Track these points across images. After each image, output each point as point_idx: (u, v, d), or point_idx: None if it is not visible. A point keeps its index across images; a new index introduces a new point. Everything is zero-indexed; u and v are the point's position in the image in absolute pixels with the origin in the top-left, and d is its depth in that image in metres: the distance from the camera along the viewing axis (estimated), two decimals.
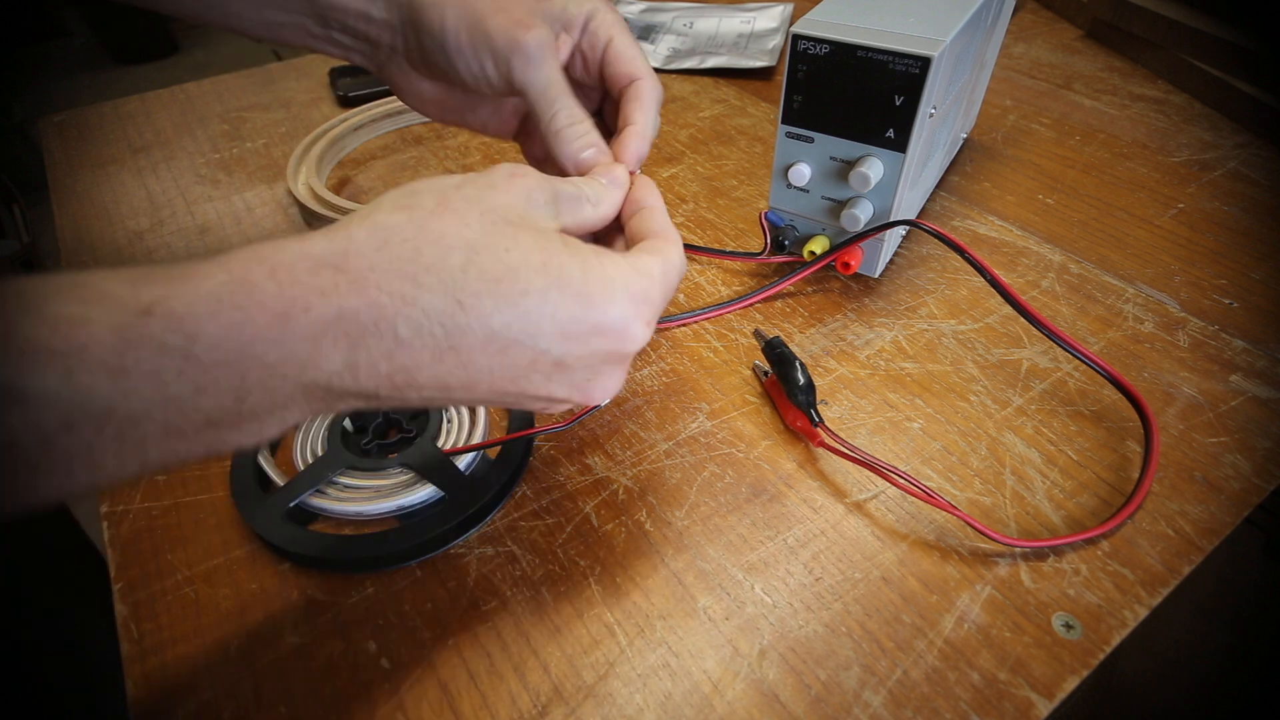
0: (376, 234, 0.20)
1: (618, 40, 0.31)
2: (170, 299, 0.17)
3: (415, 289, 0.19)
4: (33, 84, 2.48)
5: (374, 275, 0.19)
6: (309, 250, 0.19)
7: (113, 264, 0.46)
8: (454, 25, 0.29)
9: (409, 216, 0.20)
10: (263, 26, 0.32)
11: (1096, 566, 0.29)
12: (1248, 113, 0.56)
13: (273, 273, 0.18)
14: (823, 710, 0.25)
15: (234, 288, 0.18)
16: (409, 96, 0.34)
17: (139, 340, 0.17)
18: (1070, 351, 0.33)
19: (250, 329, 0.18)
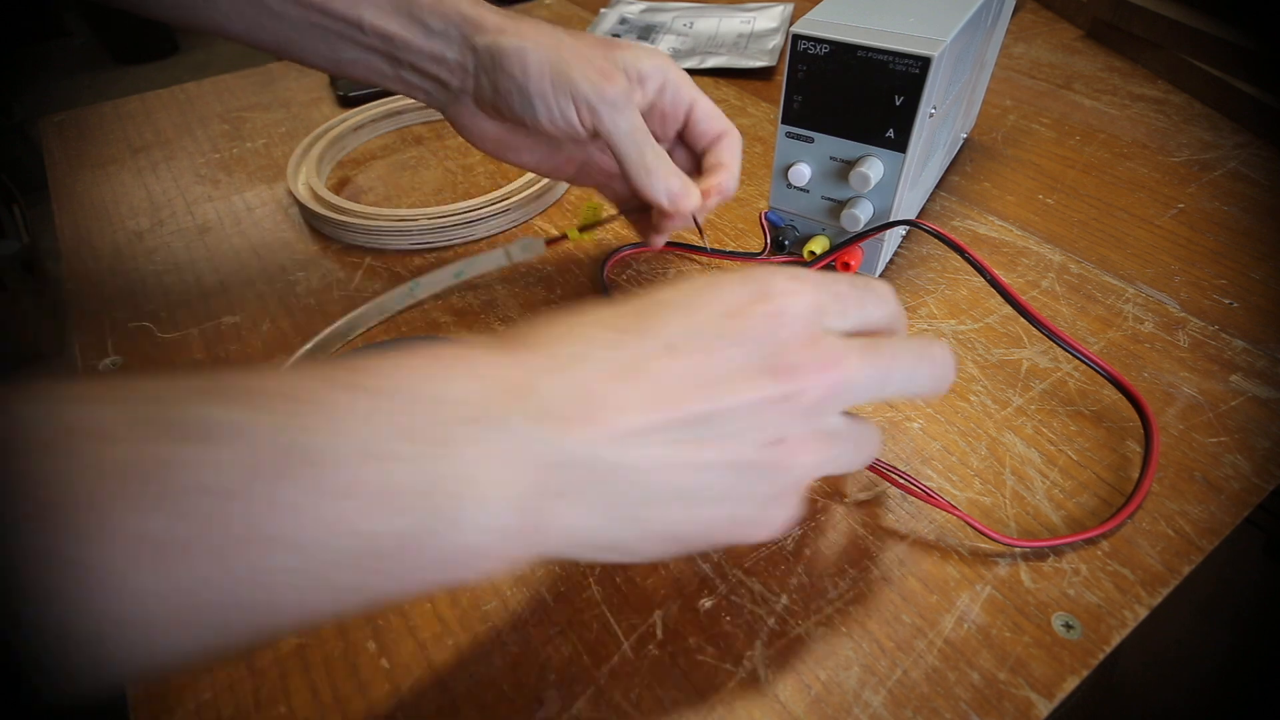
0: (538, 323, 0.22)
1: (701, 102, 0.35)
2: (368, 360, 0.19)
3: (575, 332, 0.21)
4: (33, 84, 2.48)
5: (536, 336, 0.21)
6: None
7: (111, 264, 0.46)
8: (536, 72, 0.31)
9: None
10: (331, 62, 0.33)
11: (1096, 566, 0.29)
12: (1248, 113, 0.56)
13: (444, 346, 0.20)
14: (822, 710, 0.25)
15: (420, 350, 0.20)
16: (469, 133, 0.35)
17: (338, 382, 0.18)
18: (1071, 352, 0.33)
19: (431, 369, 0.19)
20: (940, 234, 0.35)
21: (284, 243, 0.48)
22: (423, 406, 0.18)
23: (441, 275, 0.43)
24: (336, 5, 0.32)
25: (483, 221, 0.47)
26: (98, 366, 0.39)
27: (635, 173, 0.32)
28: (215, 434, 0.16)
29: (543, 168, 0.37)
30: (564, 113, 0.31)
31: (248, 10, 0.32)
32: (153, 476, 0.15)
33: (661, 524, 0.21)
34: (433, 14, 0.32)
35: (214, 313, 0.43)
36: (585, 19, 0.79)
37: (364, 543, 0.17)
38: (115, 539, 0.14)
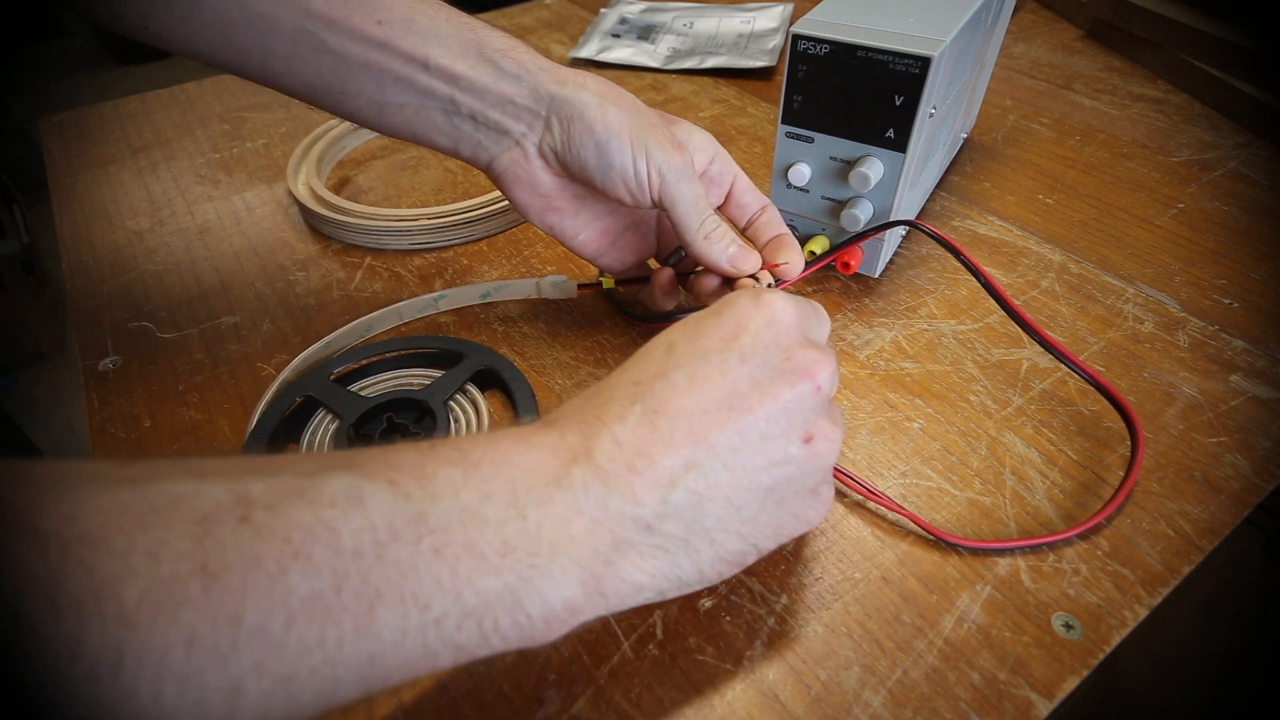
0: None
1: (742, 177, 0.37)
2: (445, 440, 0.21)
3: (600, 401, 0.23)
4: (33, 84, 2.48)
5: (568, 413, 0.23)
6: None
7: (111, 264, 0.46)
8: (618, 130, 0.32)
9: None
10: (375, 107, 0.33)
11: (1096, 566, 0.29)
12: (1248, 113, 0.56)
13: (510, 428, 0.22)
14: (822, 710, 0.25)
15: (483, 433, 0.22)
16: (519, 185, 0.35)
17: (432, 456, 0.20)
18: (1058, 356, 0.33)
19: (503, 443, 0.21)
20: (936, 234, 0.35)
21: (284, 243, 0.48)
22: (505, 475, 0.20)
23: (468, 292, 0.42)
24: (403, 44, 0.31)
25: (482, 221, 0.47)
26: (98, 367, 0.39)
27: (694, 239, 0.33)
28: (351, 501, 0.18)
29: (580, 236, 0.37)
30: (638, 173, 0.32)
31: (303, 51, 0.31)
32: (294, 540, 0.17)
33: (729, 546, 0.22)
34: (505, 57, 0.32)
35: (214, 313, 0.43)
36: (585, 19, 0.79)
37: (457, 601, 0.18)
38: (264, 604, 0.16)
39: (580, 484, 0.20)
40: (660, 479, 0.21)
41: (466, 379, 0.36)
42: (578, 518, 0.20)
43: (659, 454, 0.21)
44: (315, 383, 0.35)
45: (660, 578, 0.22)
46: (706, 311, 0.25)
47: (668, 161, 0.32)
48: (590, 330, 0.41)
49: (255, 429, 0.34)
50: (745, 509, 0.22)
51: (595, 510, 0.20)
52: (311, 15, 0.30)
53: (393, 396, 0.35)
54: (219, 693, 0.15)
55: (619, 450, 0.21)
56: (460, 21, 0.32)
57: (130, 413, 0.37)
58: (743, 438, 0.22)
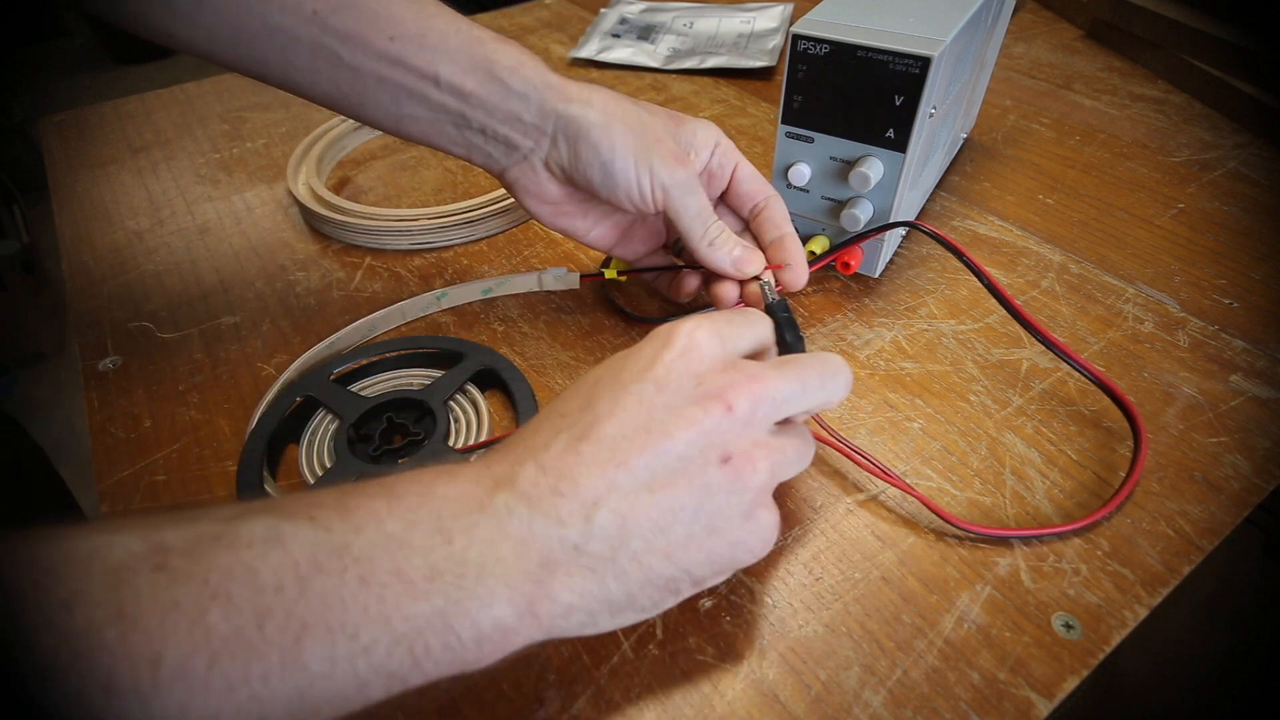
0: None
1: (743, 165, 0.37)
2: (374, 480, 0.22)
3: (528, 433, 0.24)
4: (33, 84, 2.47)
5: (498, 451, 0.24)
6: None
7: (111, 264, 0.46)
8: (623, 150, 0.32)
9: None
10: (392, 118, 0.34)
11: (1096, 566, 0.29)
12: (1248, 113, 0.56)
13: (439, 465, 0.23)
14: (822, 710, 0.25)
15: (417, 470, 0.22)
16: (527, 195, 0.36)
17: (355, 492, 0.21)
18: (1061, 356, 0.33)
19: (427, 476, 0.22)
20: (939, 236, 0.35)
21: (284, 243, 0.48)
22: (428, 505, 0.20)
23: (470, 289, 0.42)
24: (414, 60, 0.32)
25: (483, 221, 0.47)
26: (97, 367, 0.39)
27: (699, 246, 0.34)
28: (270, 541, 0.18)
29: (590, 235, 0.38)
30: (641, 190, 0.33)
31: (321, 65, 0.32)
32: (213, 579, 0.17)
33: (656, 569, 0.22)
34: (514, 75, 0.32)
35: (214, 313, 0.43)
36: (585, 19, 0.79)
37: (385, 628, 0.18)
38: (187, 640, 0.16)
39: (505, 508, 0.21)
40: (584, 499, 0.21)
41: (466, 379, 0.36)
42: (504, 540, 0.20)
43: (581, 476, 0.22)
44: (315, 383, 0.35)
45: (590, 598, 0.21)
46: (632, 348, 0.25)
47: (671, 177, 0.33)
48: (590, 331, 0.41)
49: (255, 428, 0.34)
50: (670, 531, 0.22)
51: (521, 532, 0.21)
52: (328, 31, 0.31)
53: (393, 397, 0.35)
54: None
55: (543, 475, 0.22)
56: (470, 36, 0.33)
57: (130, 413, 0.37)
58: (660, 460, 0.22)
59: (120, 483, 0.33)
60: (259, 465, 0.32)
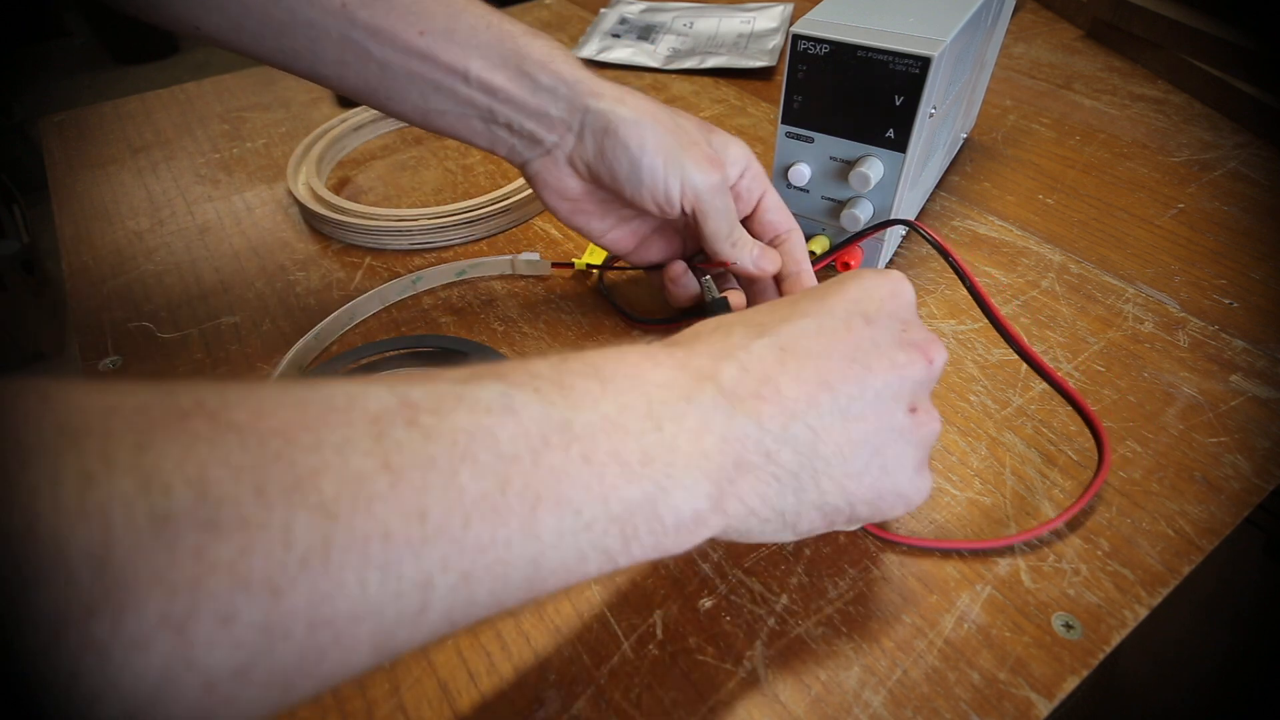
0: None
1: (770, 193, 0.37)
2: (575, 354, 0.21)
3: (721, 331, 0.24)
4: (33, 84, 2.47)
5: (687, 338, 0.24)
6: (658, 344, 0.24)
7: (111, 264, 0.46)
8: (654, 149, 0.32)
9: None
10: (419, 111, 0.34)
11: (1096, 566, 0.29)
12: (1248, 113, 0.56)
13: (632, 346, 0.23)
14: (822, 710, 0.25)
15: (614, 348, 0.22)
16: (548, 190, 0.36)
17: (566, 369, 0.20)
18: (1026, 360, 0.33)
19: (632, 358, 0.21)
20: (931, 236, 0.35)
21: (284, 243, 0.48)
22: (639, 390, 0.21)
23: (444, 271, 0.43)
24: (444, 55, 0.32)
25: (483, 221, 0.47)
26: (98, 366, 0.39)
27: (723, 245, 0.35)
28: (504, 407, 0.18)
29: (606, 237, 0.38)
30: (668, 190, 0.33)
31: (349, 58, 0.32)
32: (462, 442, 0.17)
33: (827, 491, 0.23)
34: (543, 70, 0.33)
35: (214, 313, 0.43)
36: (585, 19, 0.79)
37: (604, 508, 0.19)
38: (447, 500, 0.16)
39: (710, 401, 0.21)
40: (784, 408, 0.22)
41: None
42: (707, 434, 0.21)
43: (785, 385, 0.22)
44: None
45: (767, 506, 0.22)
46: (831, 282, 0.25)
47: (705, 180, 0.33)
48: (591, 331, 0.41)
49: None
50: (853, 460, 0.23)
51: (723, 428, 0.21)
52: (356, 25, 0.31)
53: None
54: (414, 584, 0.16)
55: (746, 376, 0.22)
56: (501, 30, 0.33)
57: None
58: (861, 391, 0.23)
59: None
60: None
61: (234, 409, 0.15)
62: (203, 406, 0.15)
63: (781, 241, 0.37)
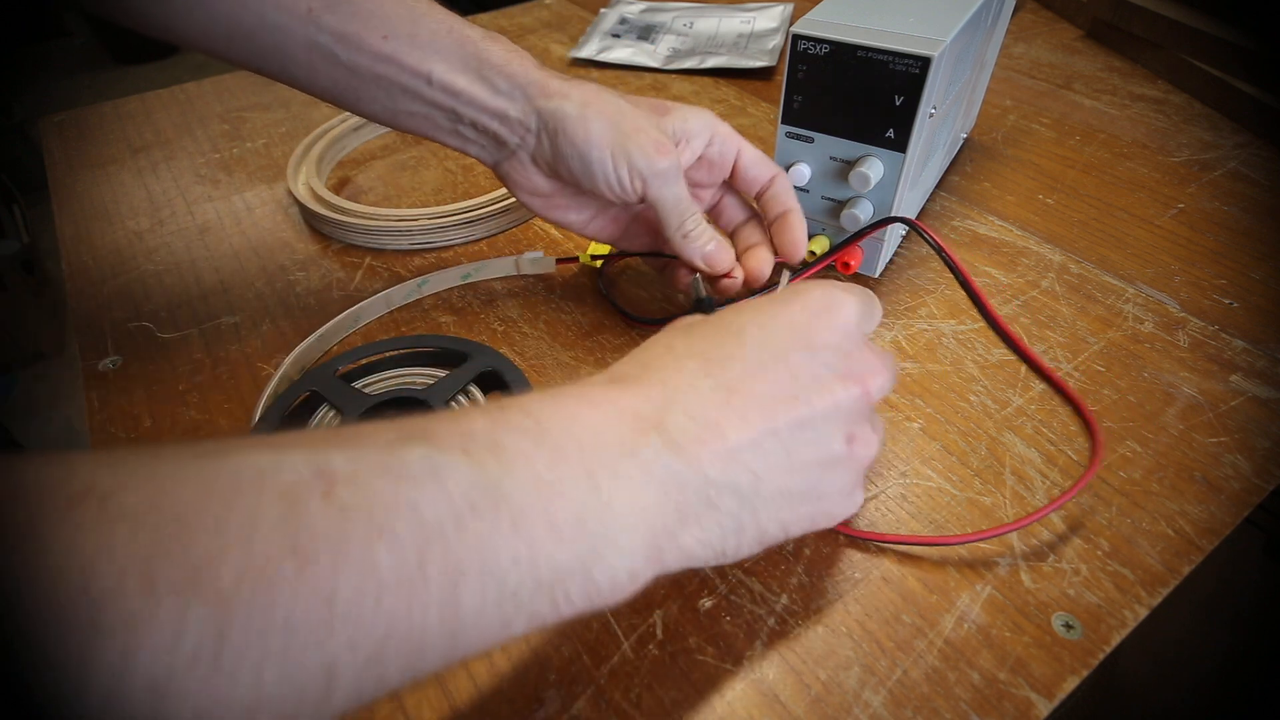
0: (621, 362, 0.25)
1: (747, 150, 0.37)
2: (513, 399, 0.21)
3: (669, 367, 0.23)
4: (33, 84, 2.47)
5: (634, 373, 0.23)
6: (593, 378, 0.24)
7: (111, 264, 0.46)
8: (599, 140, 0.33)
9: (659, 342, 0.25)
10: (388, 112, 0.34)
11: (1096, 566, 0.29)
12: (1248, 113, 0.56)
13: (576, 383, 0.23)
14: (822, 710, 0.25)
15: (550, 391, 0.22)
16: (519, 188, 0.37)
17: (503, 422, 0.20)
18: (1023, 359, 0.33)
19: (574, 407, 0.21)
20: (928, 235, 0.35)
21: (284, 243, 0.48)
22: (578, 444, 0.20)
23: (449, 274, 0.43)
24: (407, 59, 0.32)
25: (483, 221, 0.47)
26: (97, 367, 0.39)
27: (674, 237, 0.35)
28: (430, 474, 0.18)
29: (589, 228, 0.38)
30: (620, 179, 0.33)
31: (317, 61, 0.32)
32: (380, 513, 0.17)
33: (766, 527, 0.23)
34: (499, 74, 0.33)
35: (214, 313, 0.43)
36: (585, 19, 0.79)
37: (532, 573, 0.18)
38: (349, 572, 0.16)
39: (652, 453, 0.21)
40: (728, 453, 0.22)
41: (469, 380, 0.36)
42: (648, 488, 0.20)
43: (730, 429, 0.22)
44: (322, 378, 0.36)
45: (707, 547, 0.22)
46: (775, 299, 0.25)
47: (650, 167, 0.33)
48: (591, 331, 0.41)
49: (259, 422, 0.34)
50: (792, 495, 0.23)
51: (664, 480, 0.21)
52: (323, 30, 0.31)
53: (395, 395, 0.35)
54: (317, 671, 0.15)
55: (690, 422, 0.21)
56: (460, 35, 0.33)
57: (130, 413, 0.37)
58: (801, 428, 0.23)
59: None
60: None
61: (129, 490, 0.15)
62: (94, 490, 0.14)
63: (767, 189, 0.37)
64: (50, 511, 0.14)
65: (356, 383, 0.37)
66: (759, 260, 0.37)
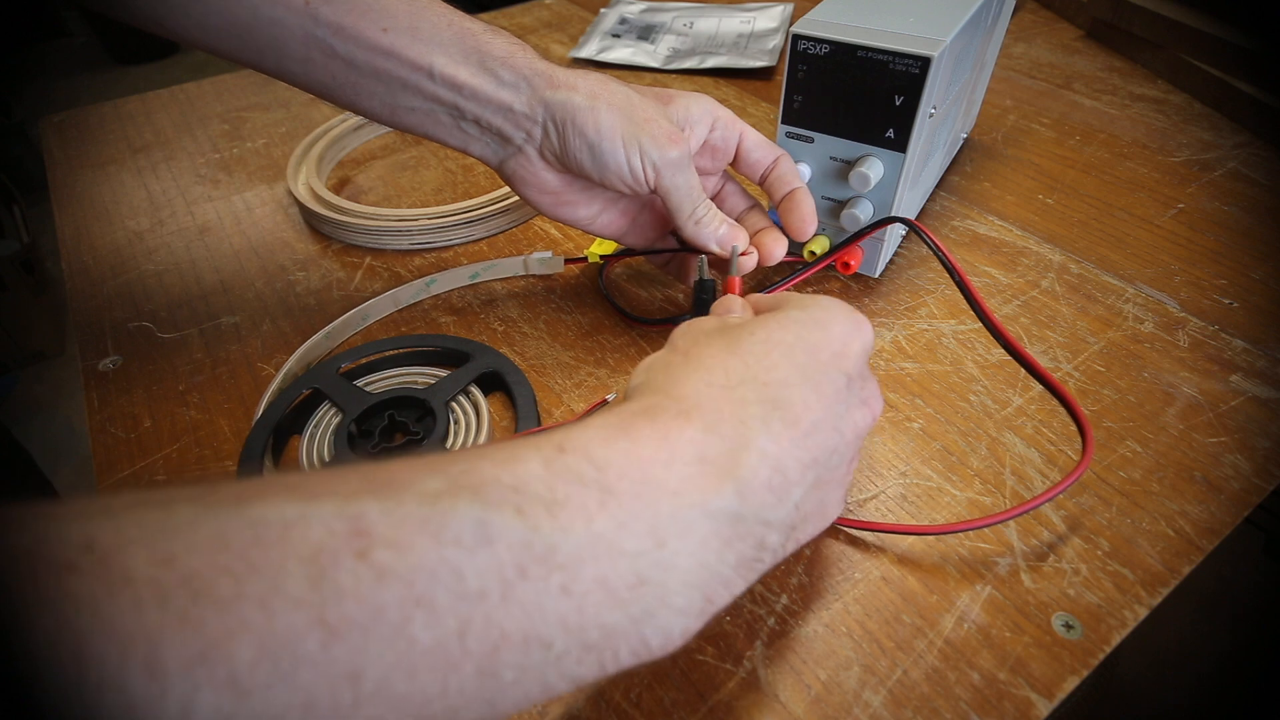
0: (667, 378, 0.23)
1: (749, 133, 0.37)
2: (571, 435, 0.19)
3: (733, 393, 0.21)
4: (33, 84, 2.47)
5: (702, 398, 0.21)
6: (647, 401, 0.22)
7: (111, 264, 0.46)
8: (610, 131, 0.32)
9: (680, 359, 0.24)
10: (388, 108, 0.34)
11: (1096, 566, 0.29)
12: (1248, 113, 0.56)
13: (639, 411, 0.21)
14: (822, 710, 0.25)
15: (613, 423, 0.20)
16: (527, 187, 0.36)
17: (562, 471, 0.18)
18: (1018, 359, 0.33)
19: (644, 452, 0.19)
20: (927, 236, 0.35)
21: (284, 243, 0.48)
22: (648, 500, 0.18)
23: (458, 274, 0.43)
24: (408, 52, 0.32)
25: (482, 221, 0.47)
26: (97, 367, 0.39)
27: (686, 225, 0.35)
28: (478, 538, 0.16)
29: (596, 223, 0.38)
30: (633, 169, 0.33)
31: (315, 55, 0.32)
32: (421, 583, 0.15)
33: (787, 549, 0.23)
34: (504, 66, 0.33)
35: (214, 313, 0.43)
36: (585, 19, 0.79)
37: (579, 638, 0.17)
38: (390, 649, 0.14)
39: (726, 504, 0.19)
40: (785, 492, 0.21)
41: (470, 381, 0.36)
42: (715, 540, 0.19)
43: (792, 471, 0.21)
44: (324, 376, 0.36)
45: (748, 584, 0.21)
46: (809, 317, 0.24)
47: (662, 156, 0.33)
48: (591, 331, 0.41)
49: (261, 417, 0.34)
50: (812, 520, 0.24)
51: (729, 530, 0.19)
52: (320, 23, 0.31)
53: (396, 394, 0.35)
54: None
55: (763, 464, 0.20)
56: (462, 28, 0.33)
57: (130, 413, 0.37)
58: (832, 454, 0.23)
59: (120, 483, 0.33)
60: (261, 454, 0.32)
61: (132, 551, 0.13)
62: (92, 550, 0.13)
63: (771, 170, 0.37)
64: (42, 580, 0.12)
65: (359, 380, 0.37)
66: (772, 239, 0.37)
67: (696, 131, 0.36)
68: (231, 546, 0.14)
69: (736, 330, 0.24)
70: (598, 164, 0.33)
